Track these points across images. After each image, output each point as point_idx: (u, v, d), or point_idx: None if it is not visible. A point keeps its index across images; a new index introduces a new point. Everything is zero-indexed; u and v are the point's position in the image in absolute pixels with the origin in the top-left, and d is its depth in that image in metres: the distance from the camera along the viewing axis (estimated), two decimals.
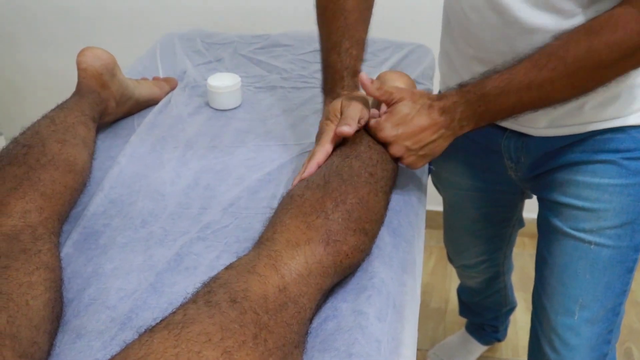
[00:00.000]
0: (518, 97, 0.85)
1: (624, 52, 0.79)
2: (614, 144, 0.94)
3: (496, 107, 0.87)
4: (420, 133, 0.90)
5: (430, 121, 0.89)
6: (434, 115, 0.89)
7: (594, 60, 0.79)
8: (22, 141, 0.92)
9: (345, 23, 0.99)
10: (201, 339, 0.56)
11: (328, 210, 0.77)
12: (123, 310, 0.77)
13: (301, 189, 0.83)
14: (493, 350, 1.86)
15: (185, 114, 1.24)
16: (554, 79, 0.82)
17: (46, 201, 0.85)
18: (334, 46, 0.99)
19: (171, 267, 0.84)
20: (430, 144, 0.91)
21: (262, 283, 0.66)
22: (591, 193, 0.96)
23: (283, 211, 0.79)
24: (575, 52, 0.80)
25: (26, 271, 0.72)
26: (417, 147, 0.91)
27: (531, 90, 0.84)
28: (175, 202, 0.97)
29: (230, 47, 1.54)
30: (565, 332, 1.04)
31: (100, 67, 1.13)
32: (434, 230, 2.32)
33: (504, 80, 0.85)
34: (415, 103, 0.91)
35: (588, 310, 1.01)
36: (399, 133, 0.90)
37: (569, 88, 0.83)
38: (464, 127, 0.90)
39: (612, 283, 0.99)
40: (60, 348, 0.72)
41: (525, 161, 1.05)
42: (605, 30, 0.78)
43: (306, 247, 0.73)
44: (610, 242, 0.97)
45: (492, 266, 1.50)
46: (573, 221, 0.99)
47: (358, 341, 0.71)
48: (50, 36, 2.21)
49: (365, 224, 0.80)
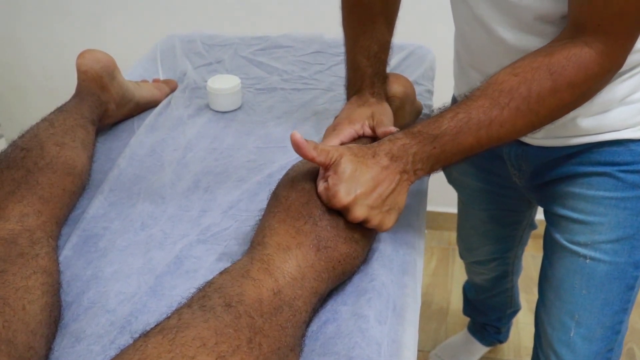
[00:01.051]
0: (477, 137, 0.79)
1: (585, 93, 0.80)
2: (610, 157, 0.93)
3: (453, 148, 0.80)
4: (377, 187, 0.79)
5: (380, 170, 0.79)
6: (383, 162, 0.80)
7: (557, 100, 0.79)
8: (20, 144, 0.92)
9: (373, 27, 1.00)
10: (195, 343, 0.56)
11: (316, 217, 0.76)
12: (123, 314, 0.77)
13: (286, 189, 0.81)
14: (495, 351, 1.85)
15: (186, 116, 1.24)
16: (516, 118, 0.79)
17: (44, 205, 0.85)
18: (362, 50, 1.01)
19: (171, 270, 0.84)
20: (390, 195, 0.80)
21: (257, 287, 0.66)
22: (586, 206, 0.95)
23: (270, 214, 0.79)
24: (538, 91, 0.78)
25: (23, 275, 0.72)
26: (379, 203, 0.79)
27: (491, 129, 0.79)
28: (175, 204, 0.97)
29: (230, 48, 1.54)
30: (561, 348, 1.02)
31: (100, 70, 1.13)
32: (435, 231, 2.33)
33: (461, 120, 0.79)
34: (357, 156, 0.80)
35: (584, 327, 0.99)
36: (357, 194, 0.77)
37: (529, 126, 0.81)
38: (418, 171, 0.82)
39: (610, 300, 0.97)
40: (60, 352, 0.72)
41: (527, 169, 1.05)
42: (567, 71, 0.77)
43: (297, 250, 0.72)
44: (606, 257, 0.95)
45: (502, 265, 1.50)
46: (569, 234, 0.98)
47: (358, 344, 0.70)
48: (51, 37, 2.21)
49: (355, 233, 0.79)
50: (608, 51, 0.76)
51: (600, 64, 0.77)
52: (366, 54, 1.01)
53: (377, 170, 0.79)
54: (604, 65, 0.77)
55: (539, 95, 0.78)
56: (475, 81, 0.99)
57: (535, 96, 0.78)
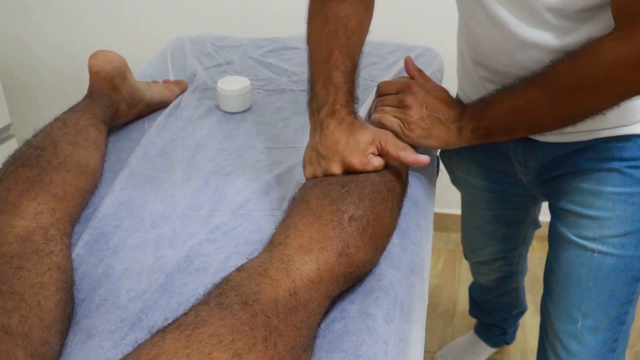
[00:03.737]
0: (509, 116, 0.88)
1: (600, 78, 0.80)
2: (619, 152, 0.94)
3: (491, 122, 0.91)
4: (441, 103, 0.95)
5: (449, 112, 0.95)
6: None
7: (572, 82, 0.81)
8: (34, 143, 0.93)
9: (348, 43, 0.94)
10: (212, 340, 0.57)
11: (344, 223, 0.77)
12: (133, 311, 0.78)
13: (317, 196, 0.82)
14: (501, 353, 1.85)
15: (195, 116, 1.25)
16: (539, 97, 0.84)
17: (58, 203, 0.86)
18: (337, 65, 0.92)
19: (181, 268, 0.85)
20: (438, 124, 0.94)
21: (274, 287, 0.66)
22: (595, 201, 0.96)
23: (297, 216, 0.79)
24: (555, 71, 0.82)
25: (38, 272, 0.73)
26: (426, 115, 0.94)
27: (518, 111, 0.87)
28: (185, 204, 0.98)
29: (240, 50, 1.55)
30: (568, 340, 1.04)
31: (111, 70, 1.14)
32: (442, 233, 2.33)
33: (500, 98, 0.90)
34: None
35: (591, 318, 1.00)
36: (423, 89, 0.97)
37: (553, 109, 0.85)
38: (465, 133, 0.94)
39: (616, 292, 0.99)
40: (72, 348, 0.72)
41: (533, 165, 1.05)
42: (584, 55, 0.80)
43: (319, 254, 0.73)
44: (614, 251, 0.96)
45: (506, 265, 1.51)
46: (577, 228, 0.99)
47: (365, 342, 0.71)
48: (62, 39, 2.23)
49: (378, 240, 0.80)
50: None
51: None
52: (342, 69, 0.92)
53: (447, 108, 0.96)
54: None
55: (556, 75, 0.83)
56: (480, 79, 1.00)
57: (554, 76, 0.83)
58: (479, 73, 1.00)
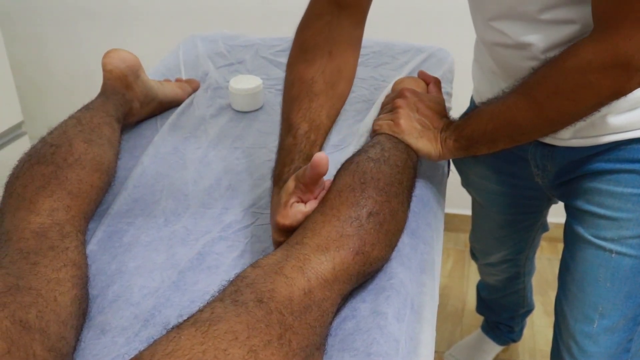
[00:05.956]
0: (489, 124, 0.90)
1: (576, 81, 0.80)
2: (638, 154, 0.94)
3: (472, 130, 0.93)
4: (432, 112, 0.99)
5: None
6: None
7: (550, 85, 0.82)
8: (49, 141, 0.94)
9: (309, 106, 0.93)
10: (228, 337, 0.58)
11: (362, 219, 0.77)
12: (146, 307, 0.78)
13: (334, 193, 0.80)
14: (510, 352, 1.86)
15: (208, 115, 1.25)
16: (518, 103, 0.86)
17: (73, 200, 0.87)
18: (291, 128, 0.91)
19: (193, 265, 0.85)
20: (426, 130, 0.97)
21: (289, 285, 0.67)
22: (614, 202, 0.96)
23: (317, 213, 0.79)
24: (535, 76, 0.84)
25: (54, 268, 0.74)
26: (416, 118, 0.98)
27: (498, 118, 0.89)
28: (197, 201, 0.99)
29: (252, 49, 1.56)
30: (583, 340, 1.03)
31: (125, 69, 1.15)
32: (451, 233, 2.33)
33: (482, 108, 0.93)
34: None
35: (608, 318, 1.00)
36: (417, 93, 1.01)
37: (532, 114, 0.85)
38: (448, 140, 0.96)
39: (633, 292, 0.99)
40: (86, 343, 0.73)
41: (552, 169, 1.05)
42: (562, 57, 0.81)
43: (335, 253, 0.73)
44: (632, 252, 0.96)
45: (514, 267, 1.51)
46: (595, 229, 0.99)
47: (377, 341, 0.71)
48: (74, 37, 2.24)
49: (393, 236, 0.81)
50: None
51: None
52: (294, 132, 0.91)
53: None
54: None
55: (535, 80, 0.85)
56: (499, 86, 1.00)
57: (533, 80, 0.85)
58: (497, 81, 1.01)
